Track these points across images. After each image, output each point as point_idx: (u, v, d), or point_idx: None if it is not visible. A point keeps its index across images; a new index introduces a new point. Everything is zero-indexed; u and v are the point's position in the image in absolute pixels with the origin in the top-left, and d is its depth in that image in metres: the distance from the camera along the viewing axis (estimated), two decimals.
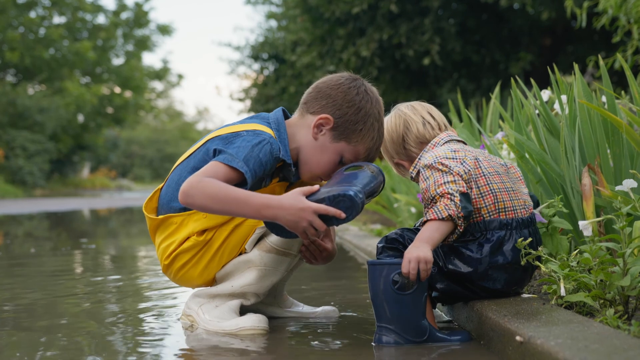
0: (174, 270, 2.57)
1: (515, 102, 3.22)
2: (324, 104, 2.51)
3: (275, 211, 2.24)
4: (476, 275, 2.29)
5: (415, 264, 2.15)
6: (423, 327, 2.22)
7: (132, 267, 5.03)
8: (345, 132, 2.49)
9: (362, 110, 2.49)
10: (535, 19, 11.68)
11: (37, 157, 26.85)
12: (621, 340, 1.66)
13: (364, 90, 2.53)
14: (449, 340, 2.24)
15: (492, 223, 2.30)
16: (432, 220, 2.21)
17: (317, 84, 2.59)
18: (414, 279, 2.16)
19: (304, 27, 13.55)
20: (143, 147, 56.54)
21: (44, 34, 29.24)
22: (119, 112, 32.99)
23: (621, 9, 5.52)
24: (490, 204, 2.31)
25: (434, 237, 2.20)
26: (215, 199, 2.26)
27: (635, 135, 2.70)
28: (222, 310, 2.53)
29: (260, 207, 2.25)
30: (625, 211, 2.12)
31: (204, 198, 2.26)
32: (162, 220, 2.57)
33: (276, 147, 2.42)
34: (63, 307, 3.13)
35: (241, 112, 20.83)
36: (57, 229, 9.48)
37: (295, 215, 2.23)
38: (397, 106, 2.63)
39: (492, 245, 2.28)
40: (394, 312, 2.20)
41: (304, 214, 2.23)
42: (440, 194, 2.23)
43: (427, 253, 2.15)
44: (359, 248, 5.26)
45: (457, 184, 2.25)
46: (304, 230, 2.25)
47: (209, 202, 2.27)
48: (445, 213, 2.19)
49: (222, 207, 2.27)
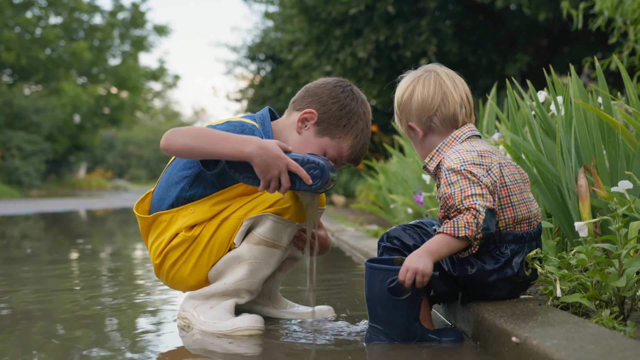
0: (166, 270, 2.58)
1: (512, 103, 3.23)
2: (310, 101, 2.58)
3: (254, 148, 2.28)
4: (482, 286, 2.28)
5: (412, 274, 2.11)
6: (414, 332, 2.23)
7: (127, 267, 5.03)
8: (329, 127, 2.54)
9: (347, 107, 2.55)
10: (532, 20, 11.68)
11: (33, 158, 26.79)
12: (617, 341, 1.66)
13: (349, 90, 2.60)
14: (439, 342, 2.24)
15: (507, 236, 2.25)
16: (447, 234, 2.13)
17: (306, 85, 2.66)
18: (408, 286, 2.14)
19: (301, 28, 13.55)
20: (140, 147, 56.48)
21: (40, 34, 29.18)
22: (116, 113, 32.93)
23: (617, 10, 5.52)
24: (508, 217, 2.25)
25: (442, 251, 2.13)
26: (195, 137, 2.31)
27: (631, 136, 2.70)
28: (217, 311, 2.53)
29: (240, 141, 2.29)
30: (621, 212, 2.12)
31: (185, 137, 2.31)
32: (153, 220, 2.59)
33: (258, 134, 2.48)
34: (57, 309, 3.12)
35: (238, 113, 20.83)
36: (53, 229, 9.46)
37: (270, 160, 2.28)
38: (434, 68, 2.40)
39: (506, 260, 2.24)
40: (387, 315, 2.21)
41: (279, 162, 2.28)
42: (467, 207, 2.12)
43: (427, 266, 2.10)
44: (356, 249, 5.26)
45: (484, 198, 2.14)
46: (270, 179, 2.29)
47: (189, 140, 2.31)
48: (462, 232, 2.10)
49: (201, 144, 2.30)
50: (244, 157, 2.29)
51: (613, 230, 2.12)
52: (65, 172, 35.23)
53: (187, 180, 2.52)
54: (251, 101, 18.88)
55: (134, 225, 9.20)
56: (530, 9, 11.05)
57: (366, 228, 6.98)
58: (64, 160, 34.02)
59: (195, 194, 2.52)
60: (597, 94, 3.10)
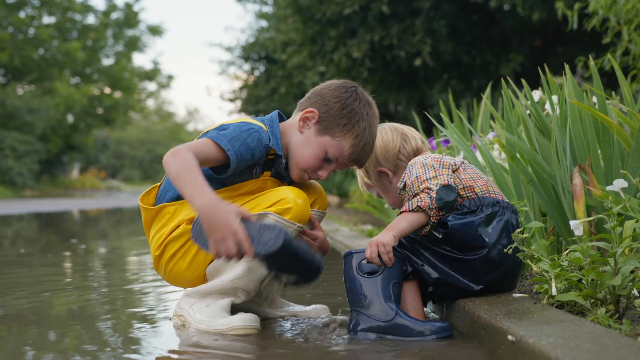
0: (164, 263, 2.60)
1: (506, 102, 3.23)
2: (314, 101, 2.60)
3: (204, 204, 2.17)
4: (471, 238, 2.34)
5: (375, 247, 2.32)
6: (389, 309, 2.31)
7: (122, 267, 5.02)
8: (330, 125, 2.55)
9: (348, 106, 2.56)
10: (526, 20, 11.71)
11: (26, 158, 26.73)
12: (612, 339, 1.66)
13: (353, 90, 2.61)
14: (420, 325, 2.26)
15: (486, 199, 2.42)
16: (404, 212, 2.35)
17: (314, 87, 2.69)
18: (377, 262, 2.33)
19: (295, 28, 13.55)
20: (133, 147, 56.39)
21: (34, 34, 29.11)
22: (109, 113, 32.88)
23: (611, 10, 5.54)
24: (481, 185, 2.46)
25: (401, 225, 2.34)
26: (179, 169, 2.25)
27: (626, 135, 2.71)
28: (213, 310, 2.53)
29: (197, 193, 2.19)
30: (616, 211, 2.12)
31: (173, 165, 2.27)
32: (157, 211, 2.60)
33: (265, 136, 2.50)
34: (52, 307, 3.11)
35: (232, 113, 20.82)
36: (47, 229, 9.44)
37: (216, 223, 2.15)
38: (384, 125, 2.74)
39: (489, 215, 2.38)
40: (362, 294, 2.35)
41: (225, 229, 2.14)
42: (422, 189, 2.35)
43: (386, 238, 2.31)
44: (350, 248, 5.26)
45: (438, 178, 2.36)
46: (217, 242, 2.15)
47: (173, 171, 2.26)
48: (415, 205, 2.33)
49: (176, 179, 2.24)
50: (194, 208, 2.21)
51: (608, 228, 2.12)
52: (58, 172, 35.15)
53: None
54: (245, 101, 18.85)
55: (127, 225, 9.19)
56: (524, 9, 11.07)
57: (360, 228, 6.98)
58: (57, 161, 33.94)
59: None
60: (591, 94, 3.11)
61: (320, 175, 2.62)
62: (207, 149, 2.40)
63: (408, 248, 2.43)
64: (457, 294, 2.43)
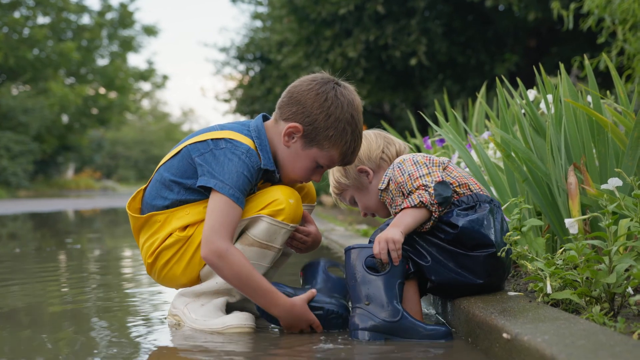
0: (158, 269, 2.58)
1: (501, 101, 3.23)
2: (295, 111, 2.50)
3: (281, 312, 2.41)
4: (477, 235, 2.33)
5: (385, 244, 2.27)
6: (396, 309, 2.27)
7: (116, 267, 5.01)
8: (316, 138, 2.49)
9: (332, 116, 2.47)
10: (521, 20, 11.72)
11: (21, 158, 26.67)
12: (607, 336, 1.66)
13: (333, 95, 2.49)
14: (423, 328, 2.26)
15: (482, 196, 2.45)
16: (406, 208, 2.34)
17: (290, 88, 2.56)
18: (385, 259, 2.28)
19: (290, 28, 13.53)
20: (128, 148, 56.29)
21: (28, 34, 29.05)
22: (104, 113, 32.82)
23: (606, 10, 5.55)
24: (473, 183, 2.49)
25: (406, 221, 2.31)
26: (238, 278, 2.38)
27: (621, 134, 2.71)
28: (208, 309, 2.53)
29: (271, 303, 2.40)
30: (610, 209, 2.13)
31: (230, 273, 2.38)
32: (146, 219, 2.58)
33: (255, 159, 2.46)
34: (46, 307, 3.11)
35: (226, 113, 20.78)
36: (42, 229, 9.42)
37: (295, 322, 2.43)
38: (367, 131, 2.75)
39: (490, 211, 2.40)
40: (368, 293, 2.29)
41: (302, 323, 2.44)
42: (417, 187, 2.35)
43: (396, 234, 2.27)
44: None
45: (432, 175, 2.38)
46: (295, 331, 2.46)
47: (232, 279, 2.40)
48: (417, 200, 2.32)
49: (241, 286, 2.40)
50: (273, 315, 2.44)
51: (603, 227, 2.12)
52: (53, 173, 35.09)
53: (185, 187, 2.52)
54: (240, 101, 18.83)
55: (122, 225, 9.17)
56: (520, 9, 11.08)
57: (356, 227, 6.98)
58: (52, 161, 33.88)
59: (191, 198, 2.52)
60: (586, 94, 3.11)
61: (313, 180, 2.62)
62: (227, 216, 2.40)
63: (412, 246, 2.40)
64: (459, 290, 2.41)
